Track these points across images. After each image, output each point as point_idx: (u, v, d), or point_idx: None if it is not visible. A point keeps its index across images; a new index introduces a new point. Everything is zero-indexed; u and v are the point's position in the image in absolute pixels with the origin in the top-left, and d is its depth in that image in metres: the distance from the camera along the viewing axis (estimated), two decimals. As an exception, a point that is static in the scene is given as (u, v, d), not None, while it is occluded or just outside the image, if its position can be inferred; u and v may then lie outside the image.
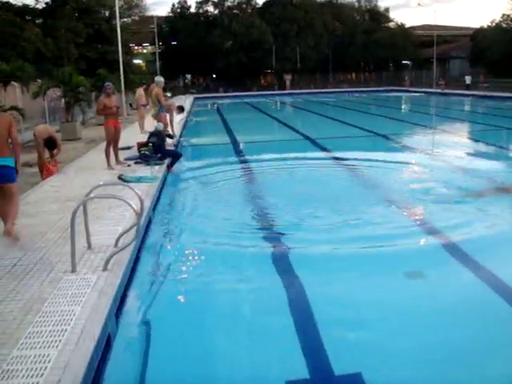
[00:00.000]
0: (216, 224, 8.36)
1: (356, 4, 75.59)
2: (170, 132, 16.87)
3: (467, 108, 37.18)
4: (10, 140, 6.85)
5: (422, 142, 18.38)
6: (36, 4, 46.81)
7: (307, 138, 19.61)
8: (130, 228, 6.48)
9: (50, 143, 11.63)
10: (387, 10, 76.05)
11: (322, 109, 37.51)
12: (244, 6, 69.23)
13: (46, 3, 46.46)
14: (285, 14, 65.92)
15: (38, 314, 4.69)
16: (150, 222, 8.28)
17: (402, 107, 41.42)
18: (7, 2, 44.16)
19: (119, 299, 5.35)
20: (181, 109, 19.76)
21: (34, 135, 11.80)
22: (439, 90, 51.17)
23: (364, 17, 74.84)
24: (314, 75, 71.05)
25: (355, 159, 14.24)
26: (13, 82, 16.28)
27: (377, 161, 13.83)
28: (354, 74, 78.80)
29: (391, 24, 75.56)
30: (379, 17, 74.19)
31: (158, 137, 13.30)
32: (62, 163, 13.42)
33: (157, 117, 15.68)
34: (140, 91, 20.70)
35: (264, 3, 70.28)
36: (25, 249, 6.52)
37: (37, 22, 45.07)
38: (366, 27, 71.37)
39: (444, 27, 73.96)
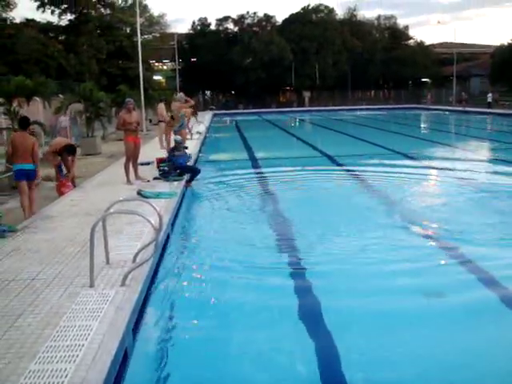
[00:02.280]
0: (234, 242, 8.36)
1: (375, 22, 75.59)
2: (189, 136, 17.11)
3: (490, 126, 36.83)
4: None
5: (443, 160, 18.16)
6: (59, 21, 47.65)
7: (326, 155, 19.59)
8: (149, 244, 6.49)
9: (71, 148, 12.00)
10: (407, 27, 75.94)
11: (341, 126, 37.47)
12: (264, 23, 69.63)
13: (70, 20, 47.25)
14: (304, 31, 66.11)
15: (55, 328, 4.71)
16: (168, 237, 8.30)
17: (424, 125, 41.21)
18: (32, 20, 45.06)
19: (136, 314, 5.35)
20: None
21: (51, 146, 11.96)
22: (460, 108, 50.85)
23: (383, 34, 74.73)
24: (332, 92, 71.06)
25: (375, 177, 14.19)
26: (35, 98, 16.50)
27: (397, 179, 13.79)
28: (373, 92, 78.65)
29: (411, 41, 75.39)
30: (399, 34, 74.02)
31: (176, 152, 13.38)
32: (82, 177, 13.54)
33: (177, 133, 15.79)
34: (161, 106, 20.87)
35: (284, 21, 70.60)
36: (44, 263, 6.58)
37: (60, 38, 45.86)
38: (386, 45, 71.28)
39: (464, 45, 73.66)
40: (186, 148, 15.72)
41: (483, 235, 8.36)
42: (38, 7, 46.33)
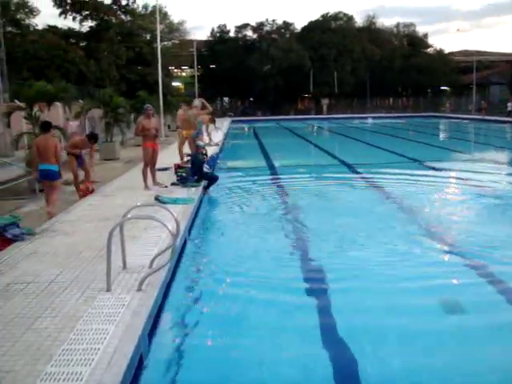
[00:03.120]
0: (250, 250, 8.33)
1: (394, 29, 75.35)
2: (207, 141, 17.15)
3: (510, 135, 36.44)
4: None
5: (463, 169, 17.91)
6: (81, 28, 48.25)
7: (344, 163, 19.54)
8: (166, 249, 6.52)
9: (92, 135, 12.96)
10: (426, 35, 75.55)
11: (359, 134, 37.36)
12: (283, 30, 69.78)
13: (91, 27, 47.80)
14: (323, 38, 66.11)
15: (72, 332, 4.74)
16: (185, 243, 8.32)
17: (443, 134, 40.94)
18: (54, 26, 45.71)
19: (152, 319, 5.37)
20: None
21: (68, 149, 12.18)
22: (480, 117, 50.42)
23: (402, 42, 74.46)
24: (351, 100, 70.95)
25: (394, 186, 14.12)
26: (56, 102, 16.69)
27: (417, 188, 13.73)
28: (391, 100, 78.36)
29: (430, 49, 75.02)
30: (418, 42, 73.67)
31: (195, 159, 13.44)
32: (100, 182, 13.64)
33: (195, 140, 15.83)
34: (181, 111, 20.94)
35: (302, 28, 70.70)
36: (61, 266, 6.63)
37: (81, 44, 46.44)
38: (405, 52, 71.01)
39: (484, 53, 73.11)
40: (205, 155, 15.79)
41: (508, 249, 8.21)
42: (60, 14, 47.00)
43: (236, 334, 5.55)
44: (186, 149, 17.20)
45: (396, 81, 70.30)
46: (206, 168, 13.50)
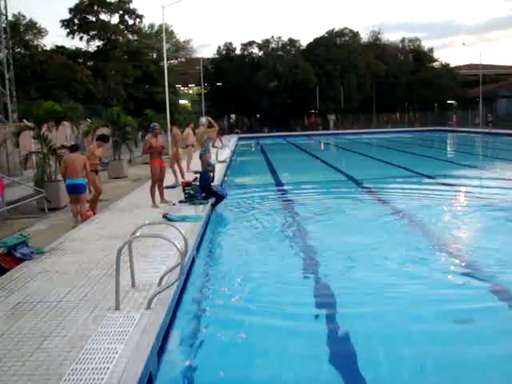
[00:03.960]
0: (259, 268, 8.33)
1: (400, 44, 75.57)
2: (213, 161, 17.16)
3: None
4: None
5: (471, 183, 17.84)
6: (88, 47, 48.80)
7: (352, 178, 19.52)
8: (174, 267, 6.53)
9: (103, 136, 13.53)
10: (431, 49, 75.65)
11: (366, 149, 37.36)
12: (288, 47, 70.11)
13: (98, 46, 48.33)
14: (329, 55, 66.34)
15: (81, 351, 4.74)
16: (193, 261, 8.33)
17: (450, 147, 40.87)
18: (62, 46, 46.29)
19: (161, 338, 5.36)
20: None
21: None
22: (487, 130, 50.30)
23: (408, 57, 74.60)
24: (357, 115, 71.01)
25: (404, 201, 14.08)
26: (64, 122, 16.81)
27: (426, 202, 13.69)
28: (398, 114, 78.41)
29: (435, 64, 75.14)
30: (423, 56, 73.79)
31: (203, 176, 13.48)
32: (109, 200, 13.69)
33: (202, 157, 15.89)
34: (188, 130, 21.13)
35: (308, 45, 71.03)
36: (70, 285, 6.64)
37: (88, 64, 46.95)
38: (410, 67, 71.10)
39: (490, 66, 73.07)
40: (213, 171, 15.84)
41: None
42: (68, 34, 47.63)
43: (245, 353, 5.52)
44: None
45: (402, 95, 70.36)
46: (213, 186, 13.56)
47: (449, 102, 73.50)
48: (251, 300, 6.92)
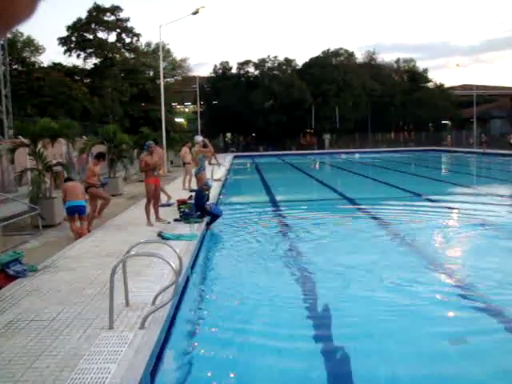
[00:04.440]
0: (253, 287, 8.29)
1: (395, 65, 76.13)
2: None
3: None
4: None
5: (465, 202, 17.87)
6: (85, 65, 48.99)
7: (347, 198, 19.54)
8: (168, 286, 6.49)
9: (100, 154, 13.80)
10: (426, 70, 76.10)
11: (361, 169, 37.51)
12: (284, 66, 70.57)
13: (95, 64, 48.56)
14: (324, 74, 66.74)
15: (73, 371, 4.69)
16: (187, 280, 8.29)
17: (445, 167, 41.06)
18: (59, 64, 46.46)
19: (155, 358, 5.31)
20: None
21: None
22: (481, 150, 50.57)
23: (403, 77, 75.21)
24: (353, 135, 71.29)
25: (397, 221, 14.08)
26: (60, 139, 16.81)
27: (420, 223, 13.68)
28: (393, 134, 78.78)
29: (430, 84, 75.72)
30: (418, 77, 74.30)
31: (198, 195, 13.47)
32: (104, 218, 13.65)
33: (197, 175, 15.91)
34: (185, 149, 21.43)
35: (304, 64, 71.52)
36: (63, 303, 6.59)
37: (85, 81, 47.10)
38: (405, 87, 71.63)
39: (484, 87, 73.67)
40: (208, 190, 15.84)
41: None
42: (65, 51, 47.81)
43: (240, 374, 5.46)
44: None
45: (397, 115, 70.82)
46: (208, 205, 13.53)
47: (443, 122, 73.97)
48: (246, 320, 6.88)
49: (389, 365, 5.66)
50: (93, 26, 48.36)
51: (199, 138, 17.20)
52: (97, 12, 48.14)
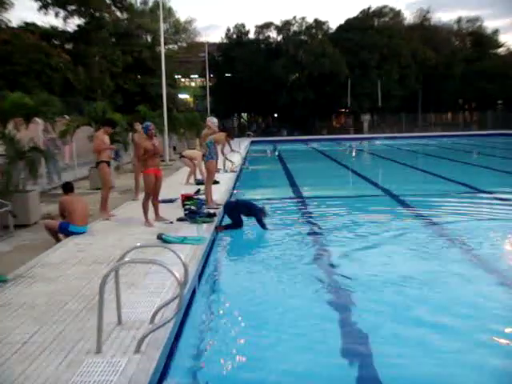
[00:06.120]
0: (273, 304, 8.21)
1: (455, 26, 75.37)
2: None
3: None
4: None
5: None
6: (66, 26, 48.54)
7: (390, 194, 19.41)
8: (171, 300, 6.45)
9: (110, 121, 14.45)
10: (496, 32, 75.09)
11: (409, 158, 37.27)
12: (314, 30, 70.44)
13: (78, 26, 48.21)
14: (364, 40, 66.42)
15: (52, 406, 4.67)
16: (194, 293, 8.28)
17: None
18: (32, 24, 46.03)
19: (153, 390, 5.29)
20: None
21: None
22: None
23: (465, 42, 74.49)
24: (398, 116, 70.83)
25: (458, 225, 13.83)
26: (36, 118, 16.86)
27: (488, 228, 13.44)
28: (450, 115, 78.26)
29: (501, 50, 74.81)
30: (485, 41, 73.34)
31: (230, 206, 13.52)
32: (91, 216, 13.67)
33: (206, 163, 15.76)
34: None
35: (338, 28, 71.34)
36: (40, 322, 6.58)
37: (66, 47, 46.99)
38: (468, 55, 70.94)
39: None
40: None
41: None
42: (40, 8, 47.23)
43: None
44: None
45: (456, 91, 70.14)
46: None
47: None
48: (262, 346, 6.79)
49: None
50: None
51: (214, 120, 16.92)
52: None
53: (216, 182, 17.10)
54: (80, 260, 9.53)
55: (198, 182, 19.15)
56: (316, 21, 70.58)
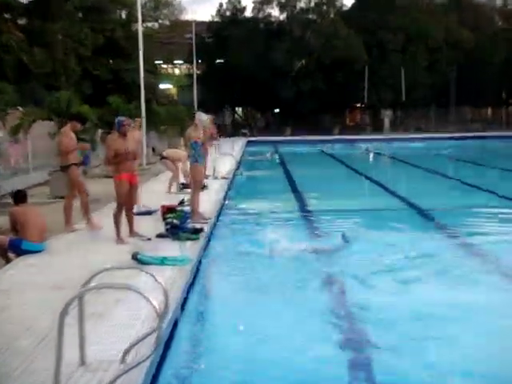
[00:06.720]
0: (269, 340, 8.23)
1: (498, 2, 75.15)
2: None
3: None
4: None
5: None
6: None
7: (414, 207, 19.44)
8: (147, 335, 6.43)
9: (79, 116, 15.15)
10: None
11: (437, 163, 37.34)
12: (324, 7, 70.39)
13: (35, -4, 47.78)
14: (384, 18, 66.19)
15: None
16: (175, 325, 8.27)
17: None
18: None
19: None
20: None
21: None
22: None
23: (510, 22, 74.39)
24: (426, 110, 70.76)
25: (500, 245, 13.83)
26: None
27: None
28: (490, 110, 78.37)
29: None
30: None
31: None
32: (49, 232, 13.64)
33: (190, 168, 15.77)
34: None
35: (353, 4, 71.39)
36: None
37: (19, 22, 46.58)
38: (513, 37, 70.86)
39: None
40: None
41: None
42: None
43: None
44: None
45: (498, 81, 70.05)
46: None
47: None
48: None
49: None
50: None
51: (205, 117, 16.64)
52: None
53: (204, 187, 17.07)
54: (36, 285, 9.51)
55: (183, 187, 19.20)
56: (327, -4, 70.70)
